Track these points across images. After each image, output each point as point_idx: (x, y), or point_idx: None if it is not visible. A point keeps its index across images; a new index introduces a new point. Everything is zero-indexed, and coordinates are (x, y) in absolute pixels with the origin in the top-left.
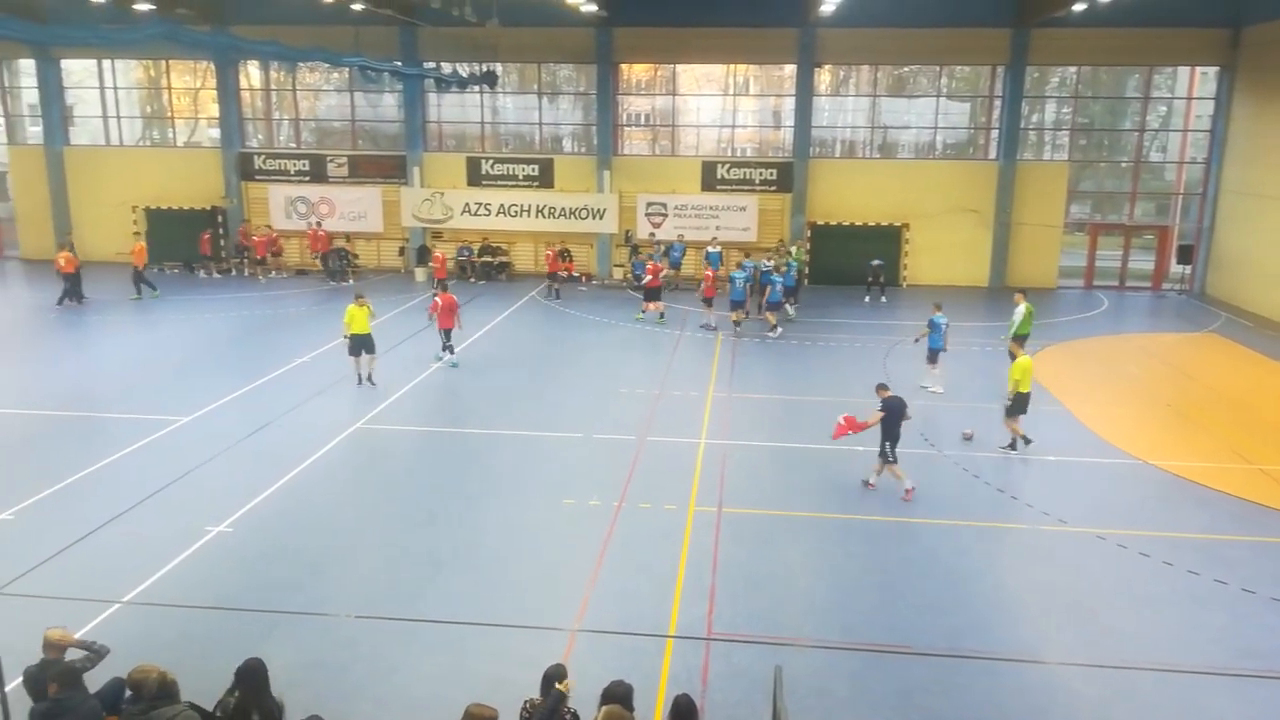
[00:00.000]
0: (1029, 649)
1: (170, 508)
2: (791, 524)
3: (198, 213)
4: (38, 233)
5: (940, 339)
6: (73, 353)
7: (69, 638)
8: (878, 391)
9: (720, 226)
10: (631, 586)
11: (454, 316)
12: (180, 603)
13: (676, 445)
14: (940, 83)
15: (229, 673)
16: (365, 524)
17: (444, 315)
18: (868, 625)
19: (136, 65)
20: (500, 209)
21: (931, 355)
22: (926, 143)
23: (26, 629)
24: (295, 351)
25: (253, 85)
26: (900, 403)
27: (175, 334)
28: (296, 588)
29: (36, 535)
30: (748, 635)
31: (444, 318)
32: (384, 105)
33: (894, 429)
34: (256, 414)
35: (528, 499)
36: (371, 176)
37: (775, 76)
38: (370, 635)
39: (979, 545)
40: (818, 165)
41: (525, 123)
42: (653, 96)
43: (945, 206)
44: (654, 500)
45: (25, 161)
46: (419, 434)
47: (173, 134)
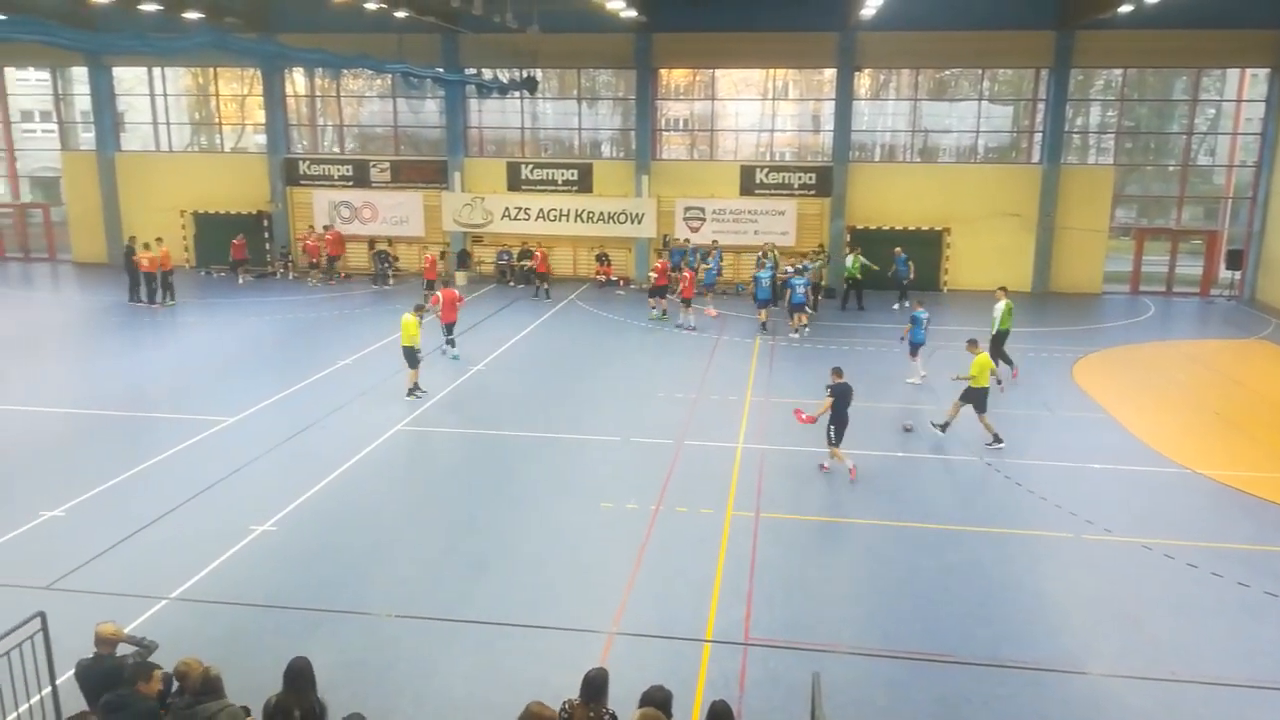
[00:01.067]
0: (1073, 659)
1: (216, 506)
2: (830, 529)
3: (244, 217)
4: (90, 236)
5: (921, 333)
6: (123, 354)
7: (120, 633)
8: (831, 376)
9: (758, 231)
10: (669, 590)
11: (454, 311)
12: (225, 599)
13: (714, 449)
14: (982, 86)
15: (272, 669)
16: (406, 524)
17: (446, 310)
18: (907, 632)
19: (185, 73)
20: (539, 213)
21: (913, 349)
22: (968, 146)
23: (78, 623)
24: (339, 354)
25: (298, 92)
26: (848, 388)
27: (222, 336)
28: (339, 587)
29: (88, 531)
30: (785, 641)
31: (446, 312)
32: (426, 111)
33: (842, 413)
34: (300, 415)
35: (566, 502)
36: (413, 181)
37: (814, 81)
38: (411, 635)
39: (1021, 553)
40: (857, 169)
41: (564, 128)
42: (691, 101)
43: (987, 211)
44: (691, 504)
45: (78, 167)
46: (459, 436)
47: (220, 140)
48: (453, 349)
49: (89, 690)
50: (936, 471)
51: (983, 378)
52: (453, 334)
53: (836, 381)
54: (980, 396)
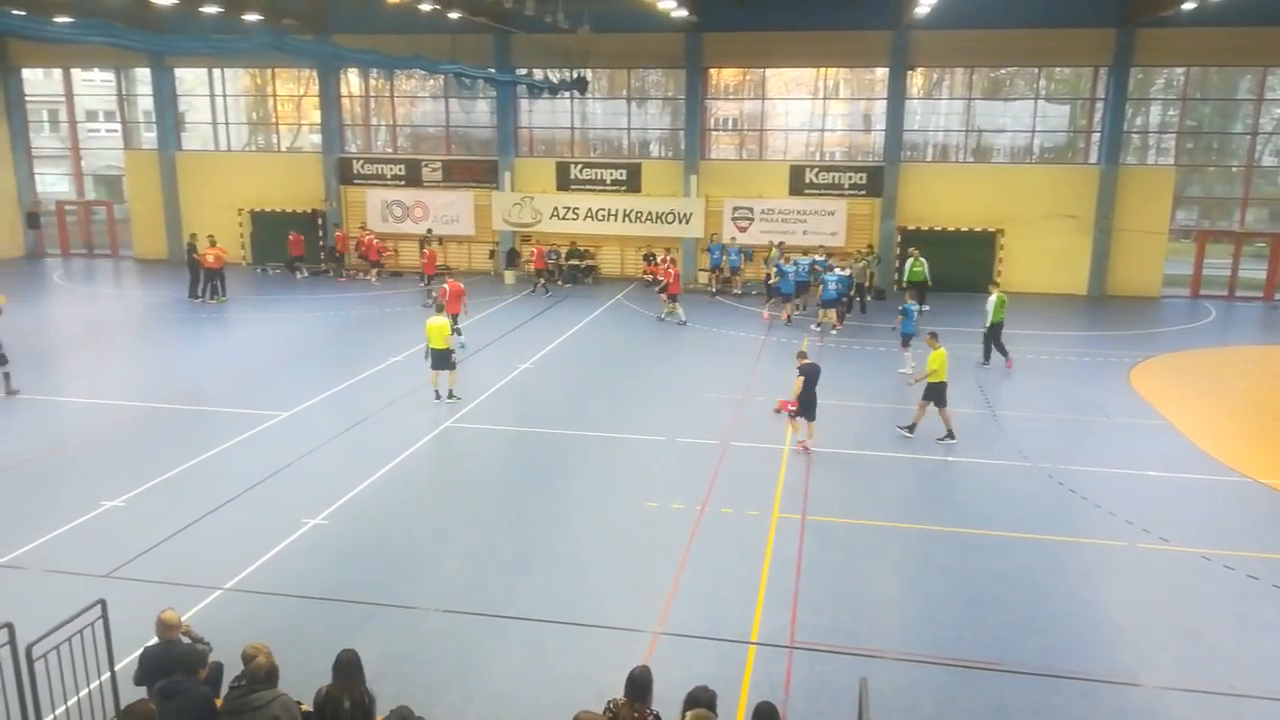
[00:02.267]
0: (1128, 671)
1: (270, 499)
2: (877, 534)
3: (299, 215)
4: (151, 233)
5: (912, 325)
6: (182, 349)
7: (181, 621)
8: (797, 359)
9: (807, 231)
10: (714, 591)
11: (460, 302)
12: (277, 591)
13: (760, 451)
14: (1039, 85)
15: (322, 660)
16: (453, 520)
17: (451, 301)
18: (956, 640)
19: (244, 74)
20: (588, 213)
21: (904, 340)
22: (1023, 146)
23: (136, 611)
24: (389, 351)
25: (352, 92)
26: (815, 368)
27: (276, 332)
28: (387, 581)
29: (146, 522)
30: (832, 645)
31: (451, 303)
32: (477, 111)
33: (810, 391)
34: (351, 411)
35: (611, 500)
36: (464, 181)
37: (866, 80)
38: (457, 630)
39: (1074, 562)
40: (909, 169)
41: (614, 128)
42: (741, 101)
43: (1042, 212)
44: (737, 505)
45: (140, 165)
46: (505, 433)
47: (276, 140)
48: (459, 338)
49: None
50: (987, 477)
51: (941, 371)
52: (458, 324)
53: (804, 363)
54: (940, 391)
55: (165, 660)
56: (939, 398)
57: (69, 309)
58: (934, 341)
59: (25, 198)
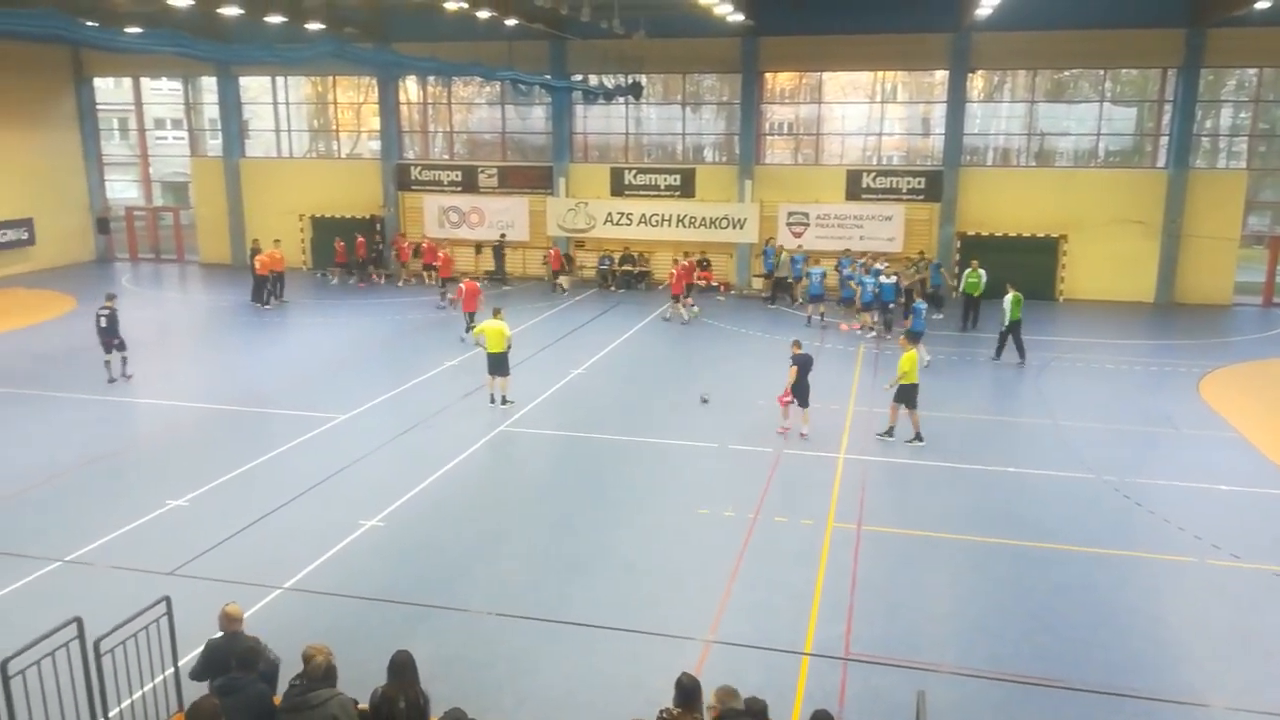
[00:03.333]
0: (1194, 691)
1: (328, 500)
2: (935, 545)
3: (358, 221)
4: (215, 238)
5: (922, 322)
6: (244, 352)
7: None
8: (792, 348)
9: (864, 236)
10: (767, 600)
11: (476, 301)
12: (335, 591)
13: (814, 459)
14: (1104, 87)
15: (377, 661)
16: (506, 524)
17: (467, 300)
18: (1015, 655)
19: (306, 82)
20: (642, 218)
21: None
22: (1087, 150)
23: (199, 609)
24: (445, 355)
25: (410, 99)
26: (808, 358)
27: (335, 336)
28: (441, 583)
29: (208, 521)
30: (887, 658)
31: (467, 302)
32: (533, 117)
33: (803, 380)
34: (408, 414)
35: (663, 507)
36: (519, 187)
37: (925, 83)
38: (510, 633)
39: (1139, 576)
40: (969, 174)
41: (668, 133)
42: (797, 105)
43: (1107, 217)
44: (790, 514)
45: (206, 172)
46: (558, 438)
47: (337, 146)
48: (466, 333)
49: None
50: (1049, 488)
51: (912, 374)
52: (473, 322)
53: (798, 353)
54: (911, 393)
55: (227, 653)
56: (910, 400)
57: (137, 312)
58: (907, 344)
59: (96, 203)
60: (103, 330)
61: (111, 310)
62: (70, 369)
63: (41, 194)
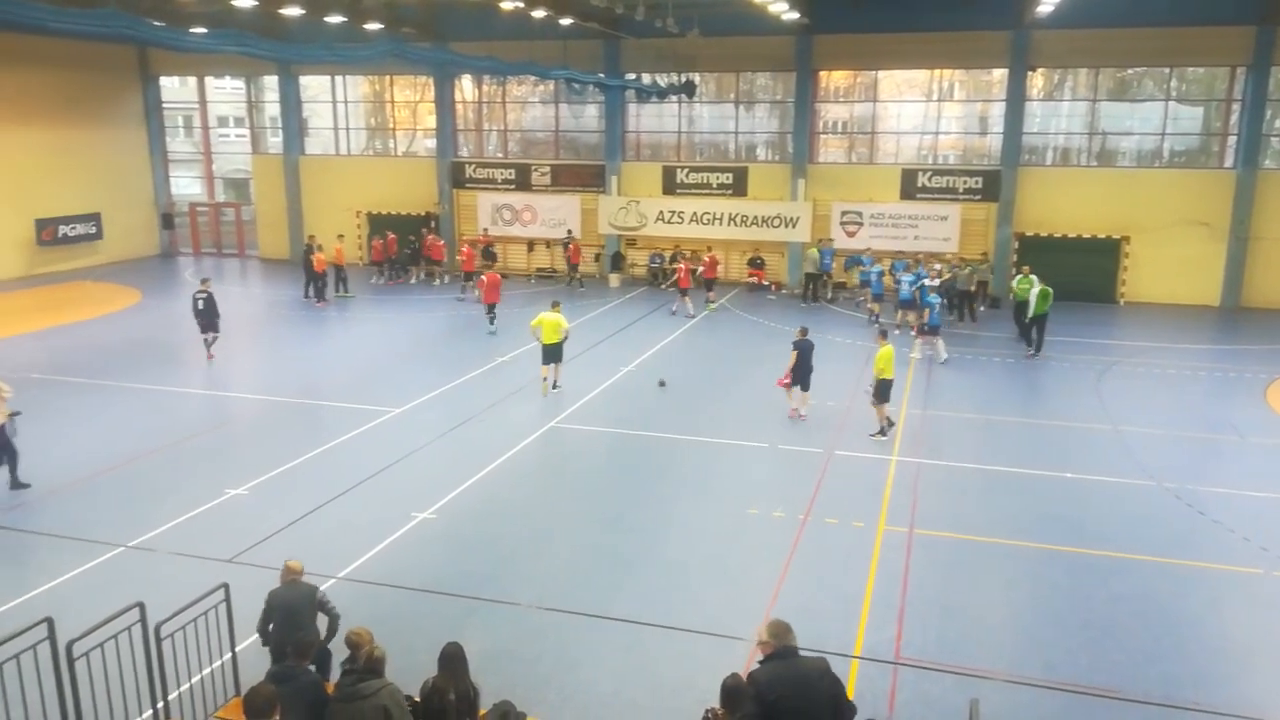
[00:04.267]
0: (1257, 706)
1: (382, 492)
2: (989, 551)
3: (414, 218)
4: (275, 234)
5: (937, 317)
6: (302, 345)
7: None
8: (797, 334)
9: (918, 236)
10: (816, 602)
11: (497, 292)
12: (387, 582)
13: (866, 461)
14: (1169, 85)
15: (427, 652)
16: (555, 519)
17: (489, 292)
18: (1071, 664)
19: (364, 80)
20: (693, 217)
21: (932, 330)
22: (1151, 150)
23: (257, 596)
24: (496, 351)
25: (465, 98)
26: (810, 344)
27: (389, 331)
28: (491, 576)
29: (266, 510)
30: (939, 664)
31: (489, 294)
32: (586, 116)
33: (806, 367)
34: (460, 408)
35: (712, 505)
36: (571, 185)
37: (983, 81)
38: (558, 628)
39: (1201, 587)
40: (1028, 173)
41: (720, 131)
42: (851, 104)
43: (1171, 219)
44: (841, 516)
45: (266, 169)
46: (608, 435)
47: (393, 144)
48: (491, 325)
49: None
50: (1108, 494)
51: (888, 369)
52: (494, 313)
53: (800, 338)
54: (885, 388)
55: (287, 600)
56: (883, 394)
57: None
58: (883, 340)
59: (161, 199)
60: (199, 312)
61: (208, 294)
62: (135, 360)
63: (109, 190)
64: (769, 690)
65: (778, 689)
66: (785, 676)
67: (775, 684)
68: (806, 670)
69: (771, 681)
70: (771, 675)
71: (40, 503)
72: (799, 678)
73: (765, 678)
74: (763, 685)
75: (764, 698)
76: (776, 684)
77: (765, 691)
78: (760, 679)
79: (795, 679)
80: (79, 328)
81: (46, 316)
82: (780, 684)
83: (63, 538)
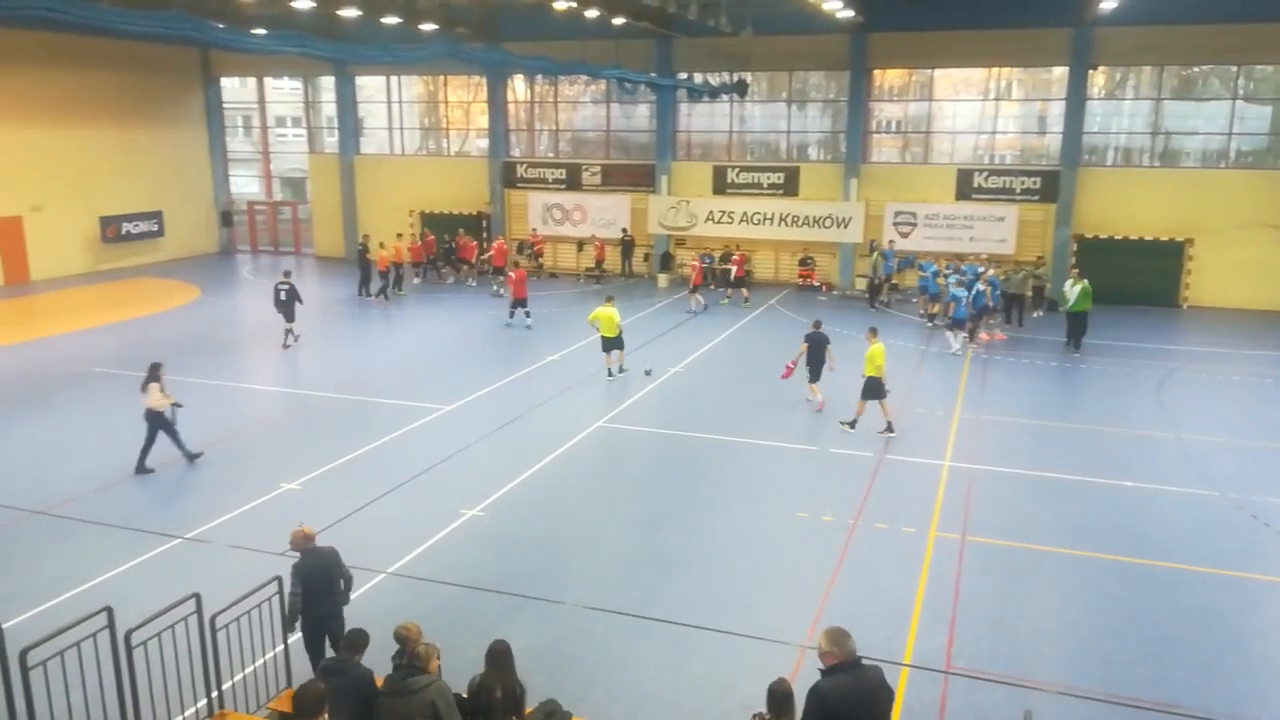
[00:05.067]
0: None
1: (431, 489)
2: (1045, 559)
3: (466, 217)
4: (330, 232)
5: (963, 310)
6: (355, 342)
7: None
8: (810, 326)
9: (974, 238)
10: (865, 608)
11: (524, 287)
12: (435, 578)
13: (917, 466)
14: (1236, 83)
15: (474, 648)
16: (603, 518)
17: (518, 287)
18: (1131, 678)
19: (418, 81)
20: (744, 217)
21: (957, 323)
22: (1217, 150)
23: None
24: (545, 350)
25: (518, 98)
26: (822, 338)
27: (440, 329)
28: (538, 574)
29: (319, 504)
30: (991, 674)
31: (518, 289)
32: (637, 115)
33: (815, 358)
34: (509, 407)
35: (760, 508)
36: (622, 184)
37: (1042, 79)
38: (603, 627)
39: (1269, 602)
40: (1088, 174)
41: (772, 131)
42: (906, 102)
43: (1238, 220)
44: (891, 521)
45: (322, 168)
46: (655, 435)
47: (446, 144)
48: (527, 319)
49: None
50: (1168, 504)
51: (869, 368)
52: (526, 306)
53: (813, 331)
54: (875, 386)
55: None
56: (874, 393)
57: (256, 301)
58: (873, 337)
59: (220, 198)
60: (281, 303)
61: (290, 285)
62: (194, 355)
63: (171, 188)
64: (840, 704)
65: (845, 702)
66: (853, 689)
67: (844, 697)
68: (869, 681)
69: (842, 694)
70: (839, 688)
71: (103, 494)
72: (864, 691)
73: (834, 691)
74: (832, 699)
75: (830, 710)
76: (845, 697)
77: (835, 705)
78: (829, 693)
79: (861, 692)
80: (141, 323)
81: (110, 312)
82: (849, 697)
83: (123, 528)
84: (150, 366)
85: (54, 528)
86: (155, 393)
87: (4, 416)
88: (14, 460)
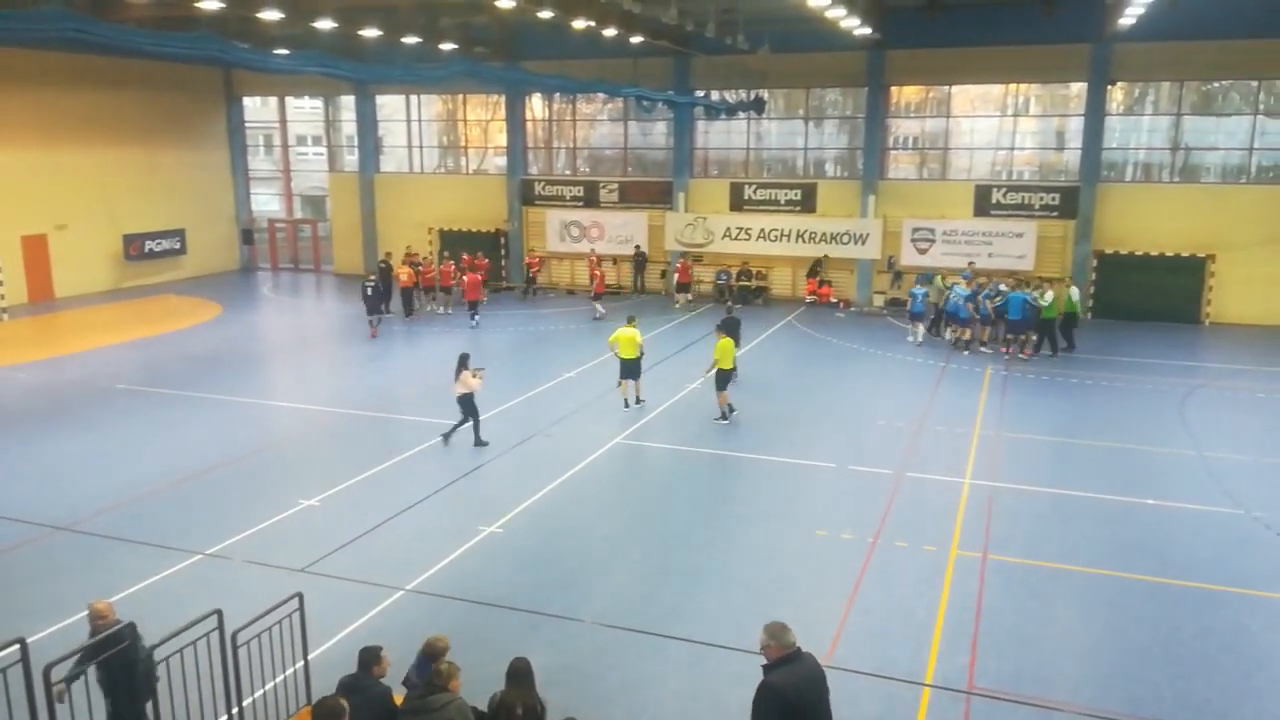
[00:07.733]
0: None
1: (450, 506)
2: (1068, 578)
3: (484, 235)
4: (349, 250)
5: (920, 305)
6: (374, 359)
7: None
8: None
9: (992, 254)
10: (885, 627)
11: (478, 291)
12: (454, 595)
13: (937, 483)
14: (1257, 98)
15: (494, 665)
16: (621, 536)
17: (470, 290)
18: (1156, 699)
19: (437, 100)
20: (760, 233)
21: (914, 318)
22: (1238, 165)
23: (328, 605)
24: (563, 367)
25: (536, 116)
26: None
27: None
28: (557, 591)
29: (337, 521)
30: (1014, 694)
31: (470, 292)
32: (654, 133)
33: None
34: (527, 423)
35: (779, 526)
36: (639, 201)
37: (1060, 95)
38: (622, 645)
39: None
40: (1107, 189)
41: (789, 148)
42: (923, 119)
43: (1260, 236)
44: (912, 539)
45: (342, 187)
46: (674, 452)
47: (465, 162)
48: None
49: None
50: (1192, 523)
51: (725, 361)
52: (476, 310)
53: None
54: (724, 377)
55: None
56: (721, 383)
57: (276, 318)
58: (720, 333)
59: (242, 215)
60: (368, 299)
61: (376, 283)
62: (215, 372)
63: (193, 206)
64: (793, 694)
65: (798, 690)
66: (801, 678)
67: (795, 686)
68: (812, 668)
69: (793, 685)
70: (789, 679)
71: (124, 509)
72: (810, 678)
73: (786, 683)
74: (787, 691)
75: (788, 702)
76: (797, 686)
77: (789, 696)
78: (783, 686)
79: (808, 679)
80: (163, 339)
81: (133, 329)
82: (799, 686)
83: (145, 544)
84: (460, 357)
85: (78, 543)
86: (467, 378)
87: (29, 432)
88: (39, 476)
